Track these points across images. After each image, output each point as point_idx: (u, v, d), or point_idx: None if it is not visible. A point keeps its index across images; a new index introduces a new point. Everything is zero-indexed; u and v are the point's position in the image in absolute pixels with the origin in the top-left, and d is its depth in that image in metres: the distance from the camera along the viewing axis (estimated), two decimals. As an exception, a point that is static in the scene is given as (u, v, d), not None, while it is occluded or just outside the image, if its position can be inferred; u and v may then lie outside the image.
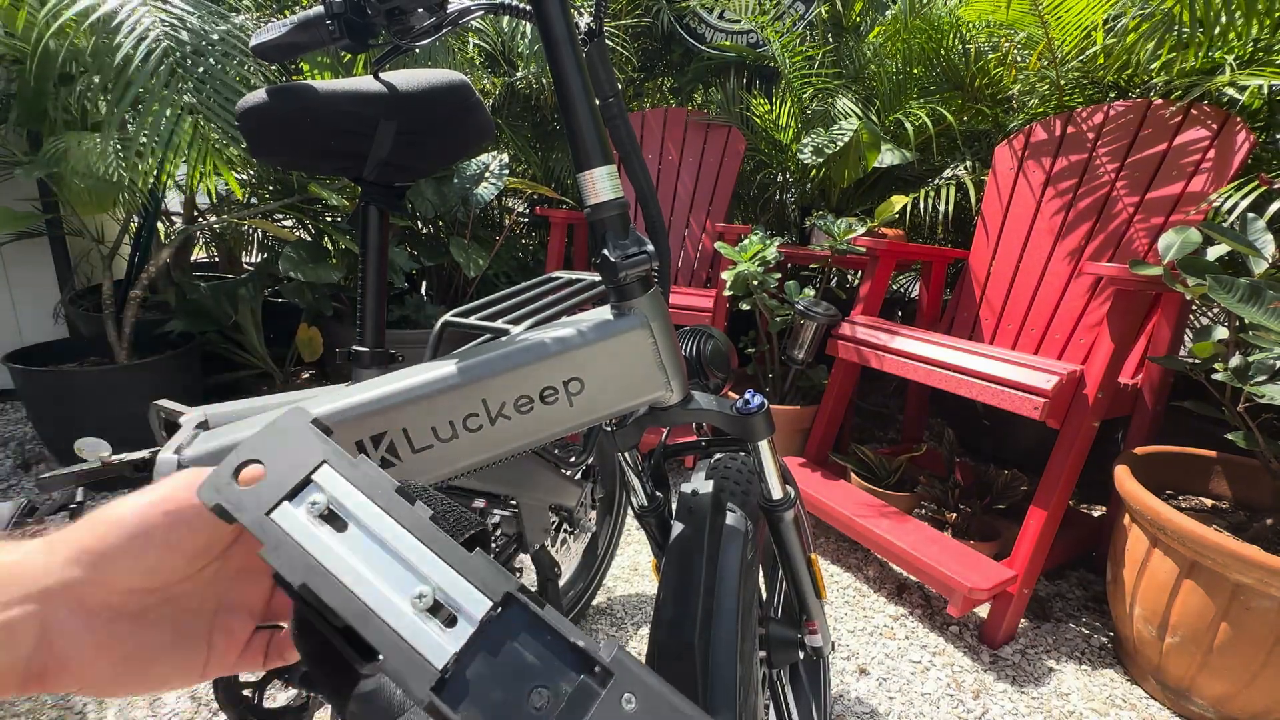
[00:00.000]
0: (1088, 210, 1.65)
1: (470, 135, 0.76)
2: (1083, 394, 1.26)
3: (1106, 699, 1.21)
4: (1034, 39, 1.94)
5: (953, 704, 1.18)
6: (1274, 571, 0.98)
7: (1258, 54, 1.60)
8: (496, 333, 0.58)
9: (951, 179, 2.12)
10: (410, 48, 0.61)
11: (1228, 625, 1.06)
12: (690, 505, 0.70)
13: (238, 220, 2.13)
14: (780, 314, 1.86)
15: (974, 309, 1.84)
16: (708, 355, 0.74)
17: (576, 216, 2.28)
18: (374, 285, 0.76)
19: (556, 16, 0.51)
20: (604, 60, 0.61)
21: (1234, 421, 1.19)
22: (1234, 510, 1.30)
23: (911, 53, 2.25)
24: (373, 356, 0.77)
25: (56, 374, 1.74)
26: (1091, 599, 1.50)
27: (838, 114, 2.26)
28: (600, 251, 0.53)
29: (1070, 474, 1.27)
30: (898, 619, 1.40)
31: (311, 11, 0.59)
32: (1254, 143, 1.40)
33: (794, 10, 2.51)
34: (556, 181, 2.61)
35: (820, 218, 1.94)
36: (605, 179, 0.52)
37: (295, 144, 0.69)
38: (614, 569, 1.53)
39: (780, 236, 1.95)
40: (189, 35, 1.38)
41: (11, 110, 1.66)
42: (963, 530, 1.53)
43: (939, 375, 1.42)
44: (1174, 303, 1.36)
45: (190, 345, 1.97)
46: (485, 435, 0.51)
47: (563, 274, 0.76)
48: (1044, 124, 1.77)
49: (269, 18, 1.73)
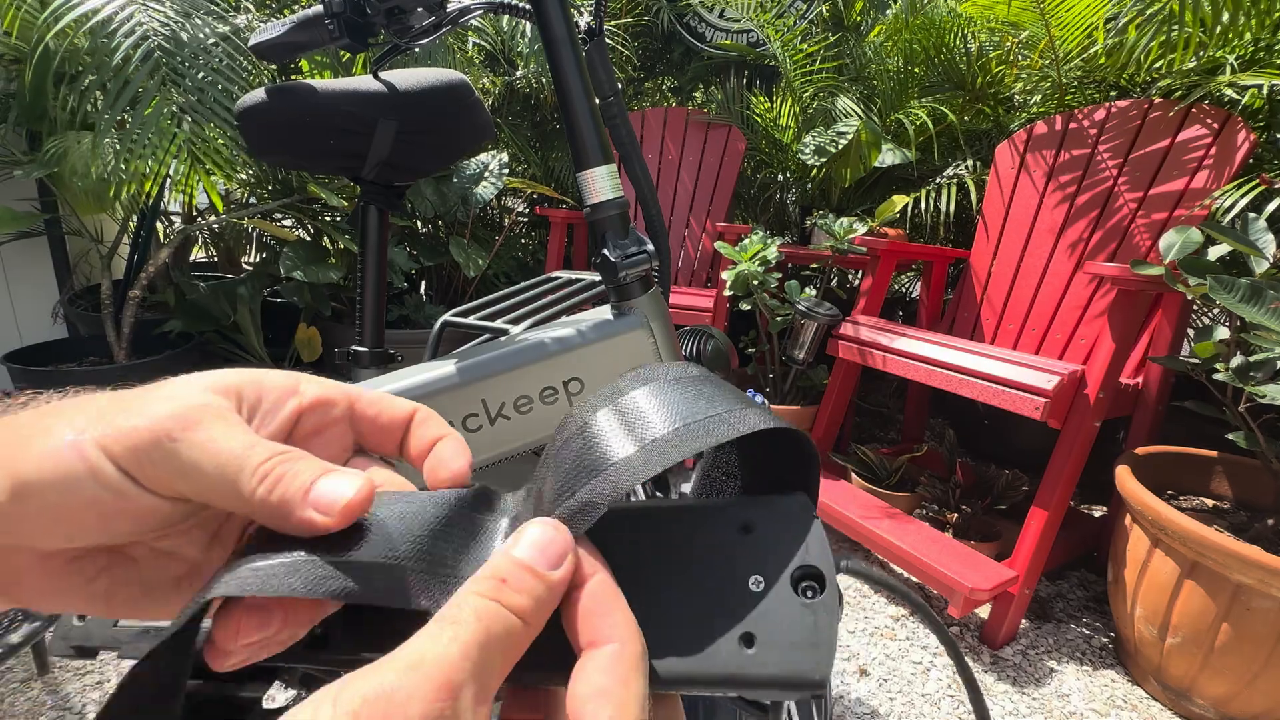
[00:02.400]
0: (1089, 206, 1.64)
1: (470, 135, 0.75)
2: (1084, 394, 1.25)
3: (1107, 700, 1.21)
4: (1035, 38, 1.94)
5: (953, 705, 1.17)
6: (1275, 572, 0.98)
7: (1258, 54, 1.60)
8: (496, 333, 0.58)
9: (953, 178, 2.12)
10: (410, 47, 0.60)
11: (1229, 626, 1.05)
12: None
13: (237, 220, 2.13)
14: (781, 314, 1.86)
15: (975, 309, 1.83)
16: (708, 355, 0.74)
17: (576, 216, 2.28)
18: (373, 285, 0.76)
19: (556, 16, 0.50)
20: (604, 60, 0.61)
21: (1235, 422, 1.19)
22: (1235, 510, 1.30)
23: (913, 52, 2.25)
24: (372, 356, 0.77)
25: (56, 374, 1.74)
26: (1092, 599, 1.50)
27: (838, 113, 2.25)
28: (600, 251, 0.53)
29: (1071, 474, 1.27)
30: (898, 620, 1.40)
31: (311, 11, 0.58)
32: (1254, 142, 1.40)
33: (795, 9, 2.50)
34: (556, 181, 2.61)
35: (821, 217, 1.94)
36: (605, 179, 0.52)
37: (295, 143, 0.69)
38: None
39: (780, 236, 1.95)
40: (186, 36, 1.38)
41: (11, 110, 1.66)
42: (963, 531, 1.53)
43: (940, 375, 1.42)
44: (1175, 303, 1.35)
45: (189, 345, 1.97)
46: (485, 435, 0.51)
47: (562, 274, 0.75)
48: (1045, 122, 1.77)
49: (268, 17, 1.73)
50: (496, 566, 0.17)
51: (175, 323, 1.98)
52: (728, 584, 0.20)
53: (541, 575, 0.17)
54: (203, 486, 0.18)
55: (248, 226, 2.42)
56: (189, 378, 0.20)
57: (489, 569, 0.17)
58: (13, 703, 1.10)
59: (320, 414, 0.22)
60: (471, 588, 0.17)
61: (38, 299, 2.29)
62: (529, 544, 0.18)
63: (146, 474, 0.18)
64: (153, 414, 0.18)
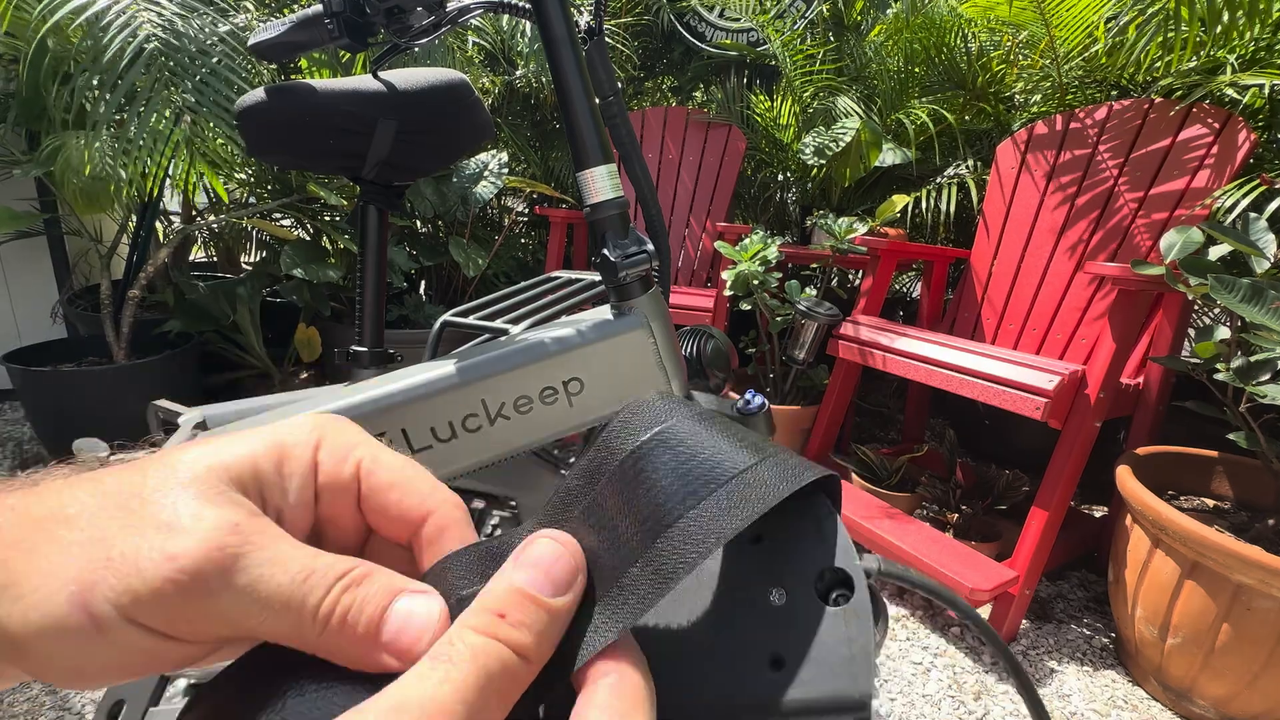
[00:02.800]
0: (1089, 206, 1.64)
1: (469, 134, 0.75)
2: (1084, 394, 1.25)
3: (1108, 700, 1.20)
4: (1036, 37, 1.94)
5: (954, 705, 1.17)
6: (1275, 572, 0.98)
7: (1259, 53, 1.60)
8: (496, 333, 0.58)
9: (953, 178, 2.11)
10: (409, 47, 0.60)
11: (1229, 626, 1.05)
12: None
13: (236, 220, 2.13)
14: (781, 314, 1.86)
15: (976, 309, 1.83)
16: (708, 355, 0.74)
17: (576, 216, 2.28)
18: (373, 285, 0.76)
19: (556, 15, 0.50)
20: (604, 59, 0.61)
21: (1236, 422, 1.19)
22: (1236, 511, 1.30)
23: (913, 51, 2.25)
24: (372, 356, 0.77)
25: (55, 374, 1.74)
26: (1093, 600, 1.49)
27: (839, 113, 2.25)
28: (600, 251, 0.53)
29: (1072, 474, 1.27)
30: (899, 620, 1.40)
31: (310, 10, 0.58)
32: (1255, 141, 1.40)
33: (795, 9, 2.50)
34: (556, 180, 2.61)
35: (821, 217, 1.93)
36: (605, 178, 0.52)
37: (294, 143, 0.69)
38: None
39: (781, 236, 1.95)
40: (185, 35, 1.38)
41: (10, 109, 1.65)
42: (964, 531, 1.53)
43: (940, 375, 1.42)
44: (1176, 302, 1.35)
45: (188, 345, 1.97)
46: (484, 435, 0.51)
47: (562, 274, 0.75)
48: (1046, 122, 1.77)
49: (268, 16, 1.73)
50: (496, 596, 0.16)
51: (174, 323, 1.98)
52: (745, 603, 0.18)
53: (545, 604, 0.16)
54: (248, 629, 0.15)
55: (247, 226, 2.42)
56: (186, 470, 0.16)
57: (488, 598, 0.16)
58: (12, 703, 1.10)
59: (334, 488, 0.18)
60: (468, 620, 0.15)
61: (37, 299, 2.28)
62: (533, 565, 0.16)
63: (178, 627, 0.15)
64: (178, 551, 0.14)
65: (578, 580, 0.16)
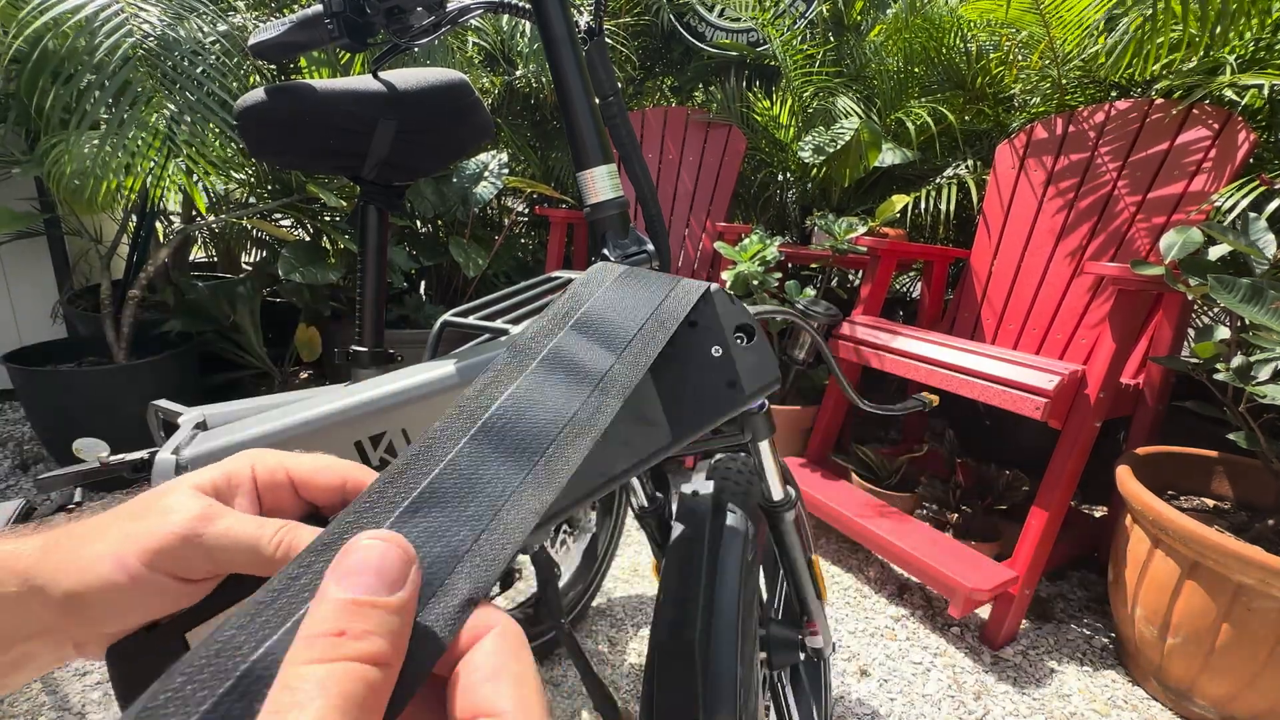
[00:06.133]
0: (1089, 209, 1.64)
1: (469, 134, 0.75)
2: (1084, 394, 1.25)
3: (1108, 700, 1.20)
4: (1035, 38, 1.94)
5: (954, 705, 1.17)
6: (1275, 572, 0.98)
7: (1259, 54, 1.60)
8: (496, 332, 0.58)
9: (953, 178, 2.11)
10: (409, 47, 0.60)
11: (1229, 626, 1.05)
12: (690, 506, 0.69)
13: (236, 220, 2.13)
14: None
15: (975, 309, 1.83)
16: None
17: (576, 216, 2.28)
18: (373, 285, 0.76)
19: (556, 15, 0.50)
20: (604, 59, 0.61)
21: (1236, 422, 1.19)
22: (1236, 511, 1.30)
23: (912, 52, 2.25)
24: (372, 356, 0.77)
25: (55, 374, 1.74)
26: (1093, 600, 1.49)
27: (838, 113, 2.25)
28: (600, 251, 0.53)
29: (1072, 474, 1.27)
30: (899, 620, 1.40)
31: (310, 10, 0.58)
32: (1255, 142, 1.40)
33: (794, 9, 2.50)
34: (556, 180, 2.61)
35: (821, 217, 1.93)
36: (605, 178, 0.52)
37: (294, 143, 0.69)
38: (614, 570, 1.53)
39: (780, 236, 1.95)
40: (180, 35, 1.38)
41: (10, 110, 1.65)
42: (964, 531, 1.53)
43: (940, 375, 1.42)
44: (1176, 303, 1.35)
45: (188, 345, 1.97)
46: (484, 436, 0.51)
47: (563, 274, 0.75)
48: (1045, 123, 1.77)
49: (267, 16, 1.73)
50: (324, 619, 0.15)
51: (174, 323, 1.98)
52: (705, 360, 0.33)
53: (386, 604, 0.15)
54: (229, 561, 0.22)
55: (247, 226, 2.42)
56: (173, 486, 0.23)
57: (316, 624, 0.15)
58: (12, 702, 1.10)
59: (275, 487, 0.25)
60: (302, 654, 0.14)
61: (37, 299, 2.28)
62: (359, 570, 0.16)
63: (185, 569, 0.22)
64: (173, 522, 0.22)
65: (412, 571, 0.17)
